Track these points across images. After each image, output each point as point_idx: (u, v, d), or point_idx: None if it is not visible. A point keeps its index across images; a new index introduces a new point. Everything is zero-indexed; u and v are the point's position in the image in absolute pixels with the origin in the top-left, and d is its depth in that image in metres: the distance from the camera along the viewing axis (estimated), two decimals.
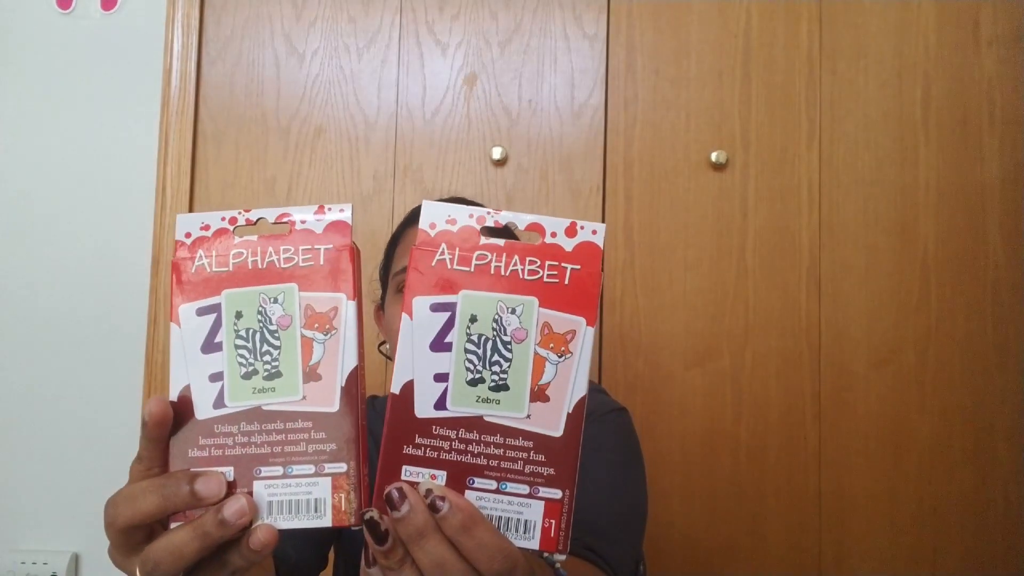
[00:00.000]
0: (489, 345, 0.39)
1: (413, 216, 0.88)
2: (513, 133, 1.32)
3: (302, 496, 0.39)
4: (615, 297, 1.30)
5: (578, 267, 0.40)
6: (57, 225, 1.33)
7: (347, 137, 1.33)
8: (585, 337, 0.39)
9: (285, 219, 0.42)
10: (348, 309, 0.40)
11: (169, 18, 1.33)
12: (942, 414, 1.30)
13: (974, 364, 1.31)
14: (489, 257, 0.39)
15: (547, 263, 0.40)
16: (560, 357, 0.39)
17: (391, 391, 0.38)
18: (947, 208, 1.32)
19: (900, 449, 1.30)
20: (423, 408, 0.38)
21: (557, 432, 0.39)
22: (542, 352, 0.39)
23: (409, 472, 0.38)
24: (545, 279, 0.40)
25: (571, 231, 0.40)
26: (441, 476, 0.38)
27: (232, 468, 0.39)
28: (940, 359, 1.31)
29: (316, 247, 0.41)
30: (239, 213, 0.42)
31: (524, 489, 0.39)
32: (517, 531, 0.39)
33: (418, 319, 0.39)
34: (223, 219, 0.42)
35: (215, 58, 1.34)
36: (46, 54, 1.35)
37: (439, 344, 0.39)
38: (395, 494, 0.36)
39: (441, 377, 0.39)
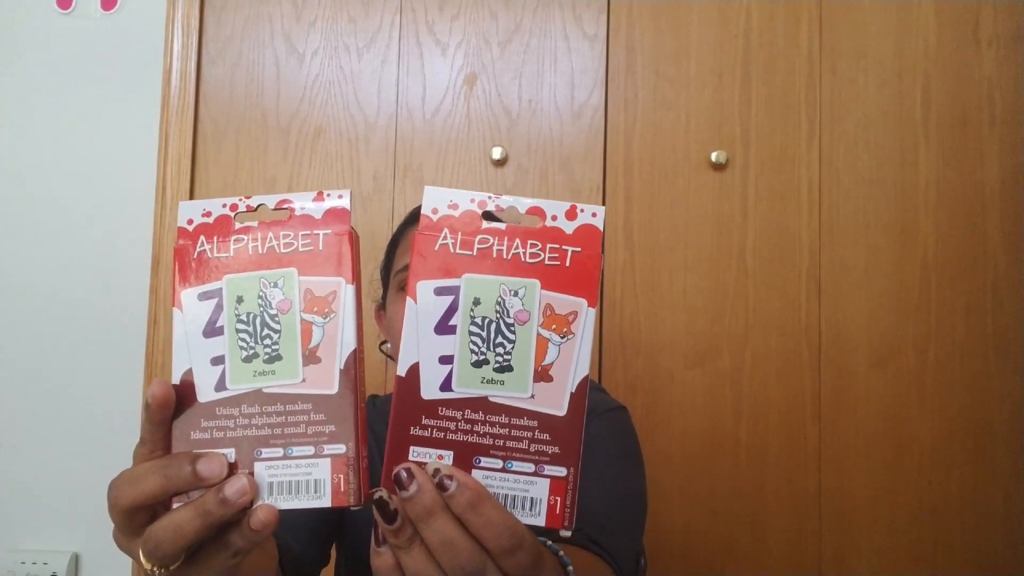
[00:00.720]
0: (492, 327, 0.40)
1: (414, 216, 0.89)
2: (513, 133, 1.32)
3: (302, 477, 0.40)
4: (615, 297, 1.30)
5: (579, 249, 0.40)
6: (57, 225, 1.33)
7: (347, 137, 1.33)
8: (587, 318, 0.40)
9: (285, 206, 0.42)
10: (347, 293, 0.41)
11: (169, 18, 1.33)
12: (942, 414, 1.30)
13: (974, 364, 1.31)
14: (491, 241, 0.40)
15: (548, 246, 0.40)
16: (562, 338, 0.40)
17: (397, 374, 0.39)
18: (947, 208, 1.32)
19: (900, 449, 1.30)
20: (429, 390, 0.39)
21: (561, 411, 0.40)
22: (545, 333, 0.40)
23: (416, 453, 0.39)
24: (546, 262, 0.40)
25: (571, 214, 0.41)
26: (448, 456, 0.39)
27: (233, 450, 0.40)
28: (940, 359, 1.31)
29: (315, 232, 0.41)
30: (240, 200, 0.42)
31: (529, 467, 0.39)
32: (523, 508, 0.39)
33: (422, 303, 0.39)
34: (224, 206, 0.42)
35: (215, 58, 1.34)
36: (46, 54, 1.35)
37: (443, 327, 0.39)
38: (403, 474, 0.37)
39: (446, 359, 0.39)
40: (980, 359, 1.31)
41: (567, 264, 0.40)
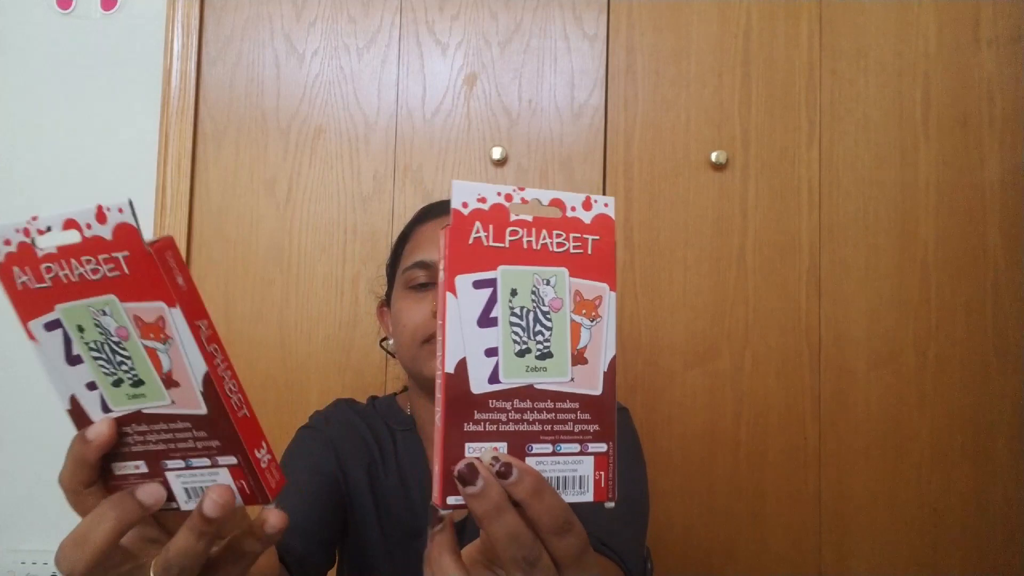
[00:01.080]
0: (531, 316, 0.40)
1: (424, 214, 0.89)
2: (513, 133, 1.32)
3: (210, 483, 0.40)
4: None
5: (598, 237, 0.42)
6: None
7: (347, 137, 1.33)
8: (610, 301, 0.42)
9: (73, 228, 0.38)
10: (173, 317, 0.37)
11: (169, 18, 1.33)
12: (942, 414, 1.30)
13: (974, 364, 1.31)
14: (520, 232, 0.41)
15: (571, 235, 0.41)
16: (592, 322, 0.42)
17: (444, 371, 0.39)
18: (947, 208, 1.32)
19: (900, 449, 1.30)
20: (478, 384, 0.39)
21: (597, 391, 0.42)
22: (576, 318, 0.41)
23: (472, 449, 0.39)
24: (571, 250, 0.41)
25: (587, 205, 0.42)
26: (502, 447, 0.40)
27: (143, 461, 0.41)
28: (940, 359, 1.31)
29: (114, 255, 0.37)
30: (30, 223, 0.38)
31: (575, 448, 0.41)
32: (573, 487, 0.41)
33: (462, 297, 0.39)
34: (17, 230, 0.39)
35: (215, 58, 1.34)
36: (46, 54, 1.35)
37: (485, 320, 0.40)
38: (466, 471, 0.37)
39: (492, 351, 0.40)
40: (980, 359, 1.31)
41: (589, 252, 0.42)
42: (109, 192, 1.33)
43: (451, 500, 0.38)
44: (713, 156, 1.31)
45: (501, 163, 1.31)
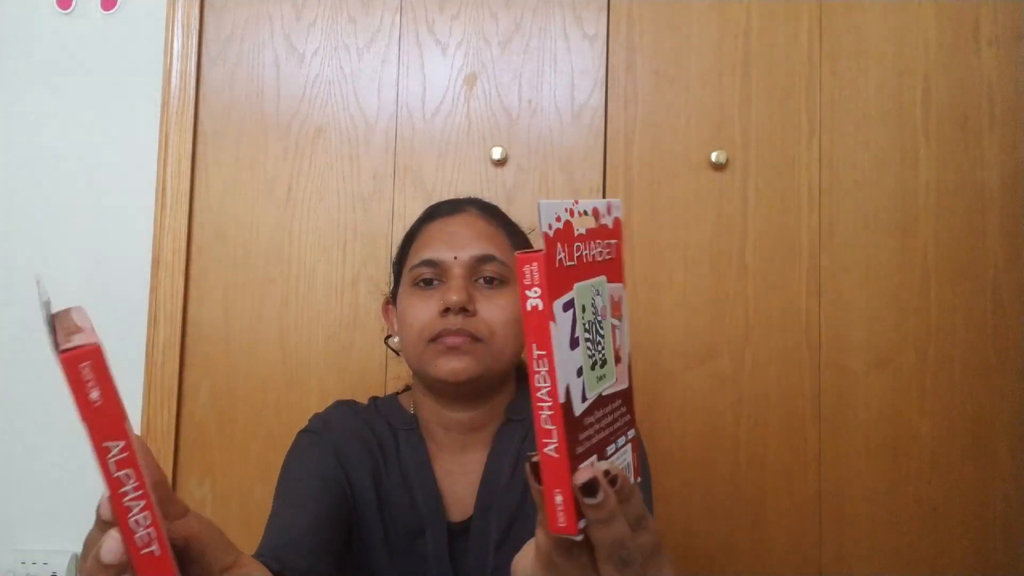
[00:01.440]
0: (595, 328, 0.41)
1: (431, 213, 0.90)
2: (513, 133, 1.32)
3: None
4: None
5: (615, 241, 0.44)
6: (57, 225, 1.33)
7: (347, 137, 1.33)
8: (625, 299, 0.45)
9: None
10: (86, 433, 0.34)
11: (169, 18, 1.33)
12: (942, 414, 1.30)
13: (974, 364, 1.31)
14: (582, 247, 0.41)
15: (606, 242, 0.43)
16: (620, 321, 0.44)
17: (559, 401, 0.38)
18: (947, 208, 1.32)
19: (900, 449, 1.30)
20: (578, 406, 0.40)
21: (626, 384, 0.45)
22: (613, 321, 0.43)
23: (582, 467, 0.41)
24: (607, 257, 0.43)
25: (608, 209, 0.44)
26: (592, 459, 0.41)
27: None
28: (940, 359, 1.31)
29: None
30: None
31: (623, 440, 0.45)
32: None
33: (559, 322, 0.38)
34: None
35: (215, 58, 1.34)
36: (46, 54, 1.35)
37: (573, 341, 0.40)
38: (590, 483, 0.38)
39: (580, 371, 0.40)
40: (980, 359, 1.31)
41: (614, 256, 0.44)
42: (109, 192, 1.33)
43: (583, 524, 0.38)
44: (713, 156, 1.31)
45: (501, 163, 1.31)
